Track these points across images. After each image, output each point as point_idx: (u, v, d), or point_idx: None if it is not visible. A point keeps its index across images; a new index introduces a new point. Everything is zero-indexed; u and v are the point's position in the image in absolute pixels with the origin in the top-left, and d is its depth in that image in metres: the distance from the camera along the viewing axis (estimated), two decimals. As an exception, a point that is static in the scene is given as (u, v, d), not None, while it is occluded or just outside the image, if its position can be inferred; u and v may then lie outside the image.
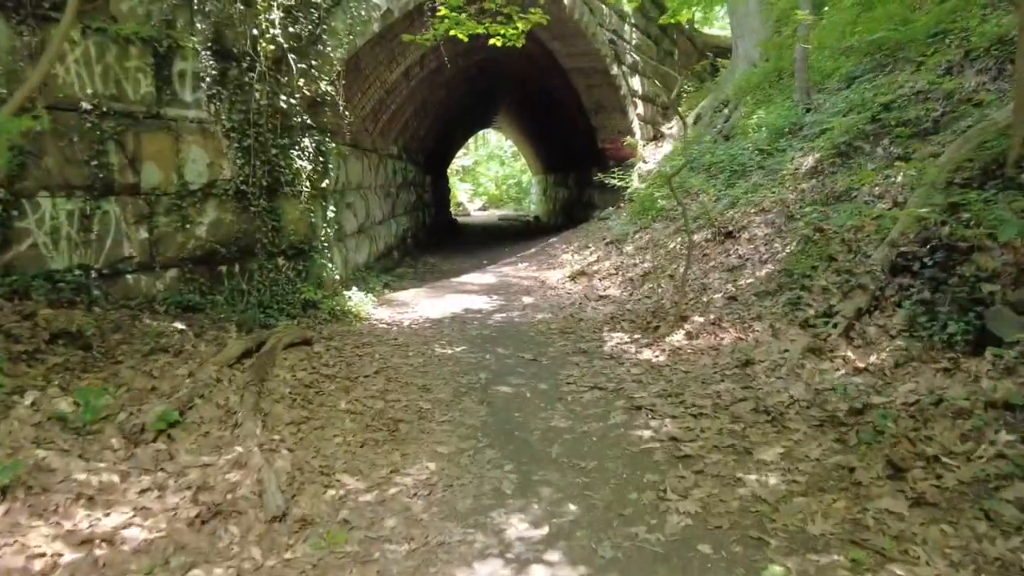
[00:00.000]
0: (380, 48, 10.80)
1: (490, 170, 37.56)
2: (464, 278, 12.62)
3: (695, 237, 10.65)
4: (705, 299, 8.13)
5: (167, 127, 6.98)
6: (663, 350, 6.92)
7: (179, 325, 6.28)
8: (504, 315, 9.23)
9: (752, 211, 9.82)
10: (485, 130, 38.21)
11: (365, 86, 10.92)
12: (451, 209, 29.41)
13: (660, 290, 9.34)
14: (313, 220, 8.42)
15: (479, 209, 34.35)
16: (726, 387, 5.66)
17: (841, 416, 4.75)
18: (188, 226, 7.21)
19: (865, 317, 6.15)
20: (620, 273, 10.96)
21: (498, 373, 6.54)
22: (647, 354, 6.87)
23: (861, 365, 5.60)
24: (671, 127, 19.60)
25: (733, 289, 8.06)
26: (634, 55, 17.93)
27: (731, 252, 9.31)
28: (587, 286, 10.79)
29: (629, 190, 17.64)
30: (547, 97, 19.85)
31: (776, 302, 7.26)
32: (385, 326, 8.54)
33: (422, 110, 16.13)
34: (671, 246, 11.00)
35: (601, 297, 9.91)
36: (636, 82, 18.10)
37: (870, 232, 7.22)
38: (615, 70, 16.49)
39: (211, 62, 7.14)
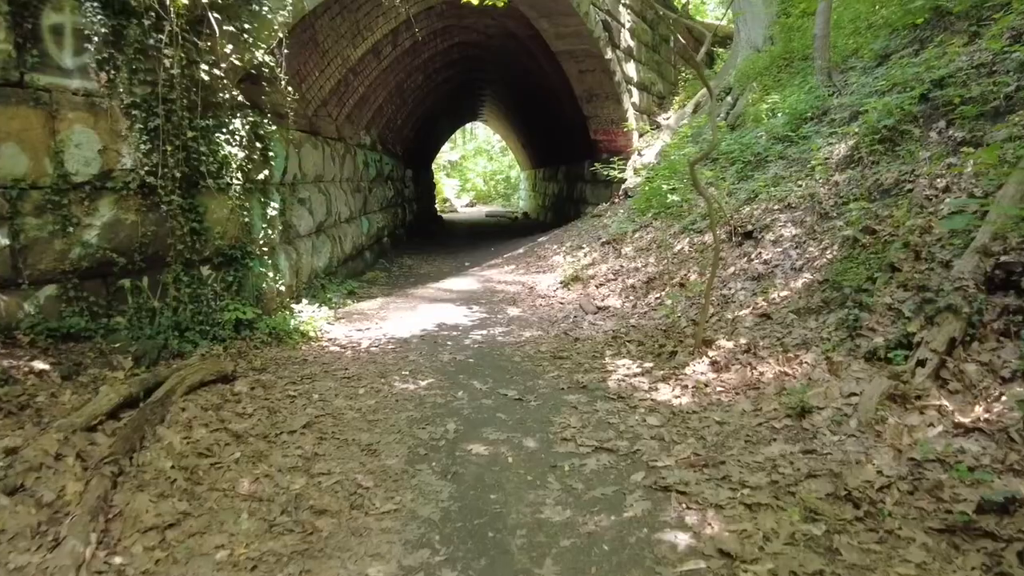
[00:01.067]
0: (342, 19, 9.06)
1: (478, 165, 35.83)
2: (443, 283, 10.93)
3: (706, 238, 9.03)
4: (730, 315, 6.49)
5: (35, 99, 5.23)
6: (685, 386, 5.27)
7: (39, 364, 4.56)
8: (485, 332, 7.55)
9: (775, 207, 8.19)
10: (473, 124, 36.49)
11: (324, 63, 9.20)
12: (436, 206, 27.69)
13: (670, 302, 7.69)
14: (248, 220, 6.71)
15: (466, 205, 32.68)
16: (781, 451, 4.01)
17: (970, 514, 3.12)
18: (72, 230, 5.46)
19: (959, 350, 4.52)
20: (620, 279, 9.31)
21: (471, 422, 4.86)
22: (665, 392, 5.22)
23: (965, 420, 3.97)
24: (668, 117, 17.94)
25: (764, 304, 6.42)
26: (629, 39, 16.25)
27: (753, 256, 7.68)
28: (583, 294, 9.13)
29: (625, 184, 15.99)
30: (536, 85, 18.16)
31: (823, 323, 5.63)
32: (338, 349, 6.84)
33: (398, 96, 14.40)
34: (678, 247, 9.36)
35: (600, 309, 8.25)
36: (631, 68, 16.44)
37: (941, 235, 5.60)
38: (609, 54, 14.81)
39: (99, 16, 5.39)
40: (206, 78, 6.06)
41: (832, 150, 8.30)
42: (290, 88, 7.40)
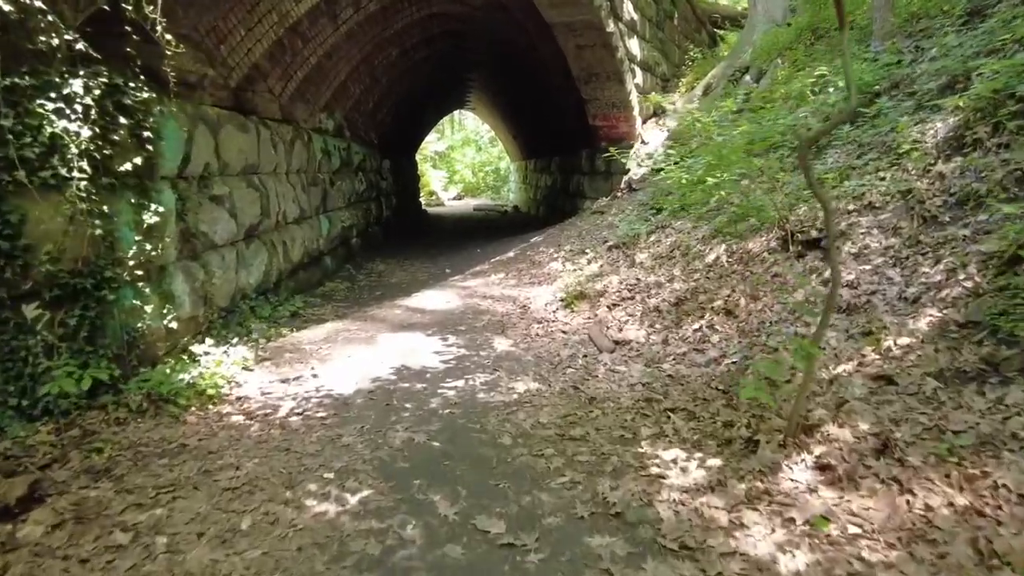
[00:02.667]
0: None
1: (466, 156, 33.38)
2: (416, 299, 8.57)
3: (751, 245, 6.77)
4: (824, 373, 4.20)
5: None
6: (791, 523, 2.98)
7: None
8: (462, 385, 5.21)
9: (851, 208, 5.93)
10: (461, 113, 34.04)
11: (252, 19, 6.79)
12: (421, 199, 25.28)
13: (718, 338, 5.42)
14: (106, 231, 4.36)
15: (454, 198, 30.28)
16: None
17: None
18: None
19: None
20: (638, 298, 7.01)
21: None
22: (761, 536, 2.92)
23: None
24: (674, 101, 15.61)
25: (877, 359, 4.12)
26: (632, 11, 13.87)
27: (826, 274, 5.40)
28: (592, 320, 6.82)
29: (629, 176, 13.68)
30: (527, 65, 15.75)
31: (998, 402, 3.36)
32: (241, 420, 4.51)
33: (367, 73, 11.97)
34: (711, 257, 7.07)
35: (617, 344, 5.95)
36: (635, 45, 14.07)
37: None
38: (611, 26, 12.43)
39: None
40: (8, 8, 3.68)
41: (926, 130, 6.03)
42: (166, 35, 5.01)
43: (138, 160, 4.64)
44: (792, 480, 3.28)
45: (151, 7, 4.55)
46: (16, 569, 2.73)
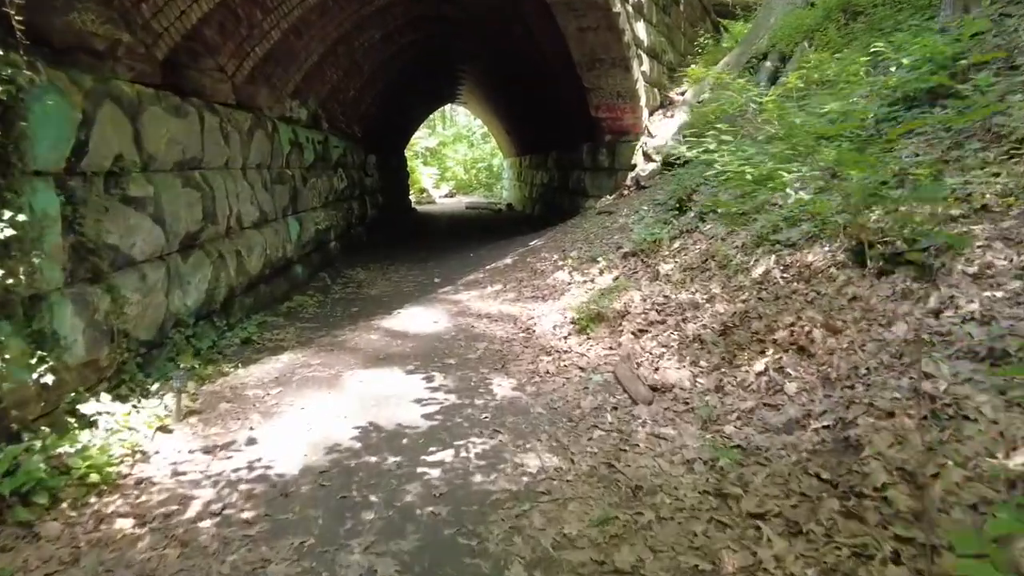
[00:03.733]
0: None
1: (458, 152, 31.76)
2: (397, 317, 7.05)
3: (810, 257, 5.33)
4: (973, 466, 2.75)
5: None
6: None
7: None
8: (450, 460, 3.67)
9: (955, 212, 4.49)
10: (452, 108, 32.47)
11: (186, -27, 5.26)
12: (411, 196, 23.71)
13: (794, 387, 3.97)
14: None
15: (445, 195, 28.70)
16: None
17: None
18: None
19: None
20: (671, 321, 5.53)
21: None
22: None
23: None
24: (683, 92, 14.14)
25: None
26: (639, -9, 12.38)
27: (939, 302, 3.96)
28: (615, 350, 5.33)
29: (636, 172, 12.22)
30: (524, 51, 14.22)
31: None
32: (128, 530, 3.00)
33: (346, 56, 10.42)
34: (758, 270, 5.61)
35: (655, 390, 4.47)
36: (641, 29, 12.57)
37: None
38: (618, 7, 10.93)
39: None
40: None
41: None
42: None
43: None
44: None
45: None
46: None
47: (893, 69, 6.56)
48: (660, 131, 12.82)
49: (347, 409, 4.42)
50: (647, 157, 12.61)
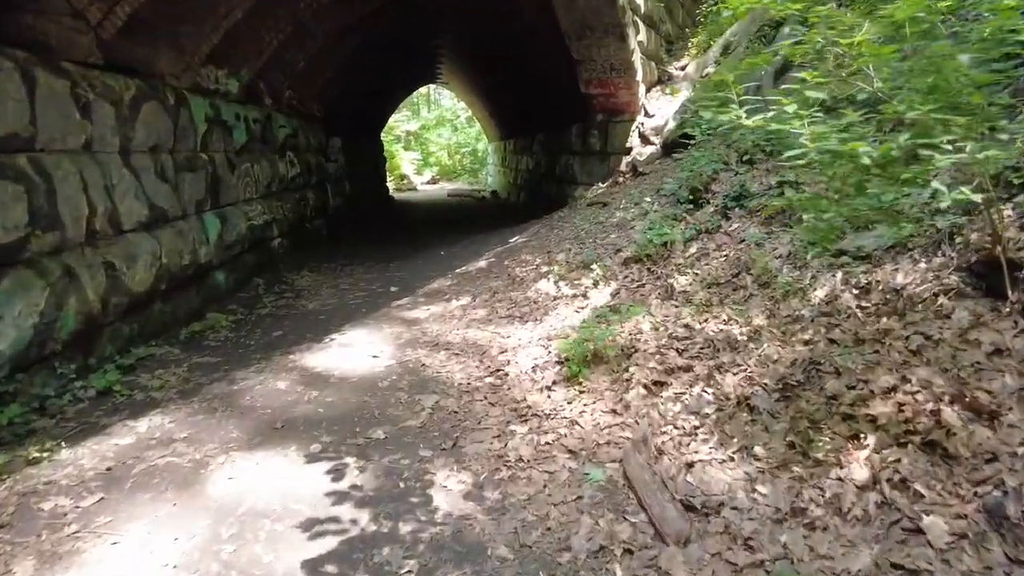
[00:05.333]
0: None
1: (441, 136, 29.66)
2: (325, 349, 5.12)
3: (896, 276, 3.56)
4: None
5: None
6: None
7: None
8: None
9: None
10: (436, 90, 30.39)
11: None
12: (390, 183, 21.72)
13: (941, 529, 2.20)
14: None
15: (428, 182, 26.64)
16: None
17: None
18: None
19: None
20: (699, 368, 3.73)
21: None
22: None
23: None
24: (684, 66, 12.29)
25: None
26: (635, -53, 10.47)
27: None
28: (623, 419, 3.52)
29: (632, 156, 10.42)
30: (505, 24, 12.27)
31: None
32: None
33: (287, 18, 8.43)
34: (821, 292, 3.85)
35: (693, 512, 2.69)
36: (637, -8, 10.69)
37: None
38: (611, -38, 9.06)
39: None
40: None
41: None
42: None
43: None
44: None
45: None
46: None
47: (987, 15, 4.73)
48: (659, 110, 10.98)
49: (185, 545, 2.60)
50: (644, 139, 10.78)
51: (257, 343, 5.42)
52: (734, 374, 3.63)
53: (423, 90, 27.86)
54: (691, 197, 6.19)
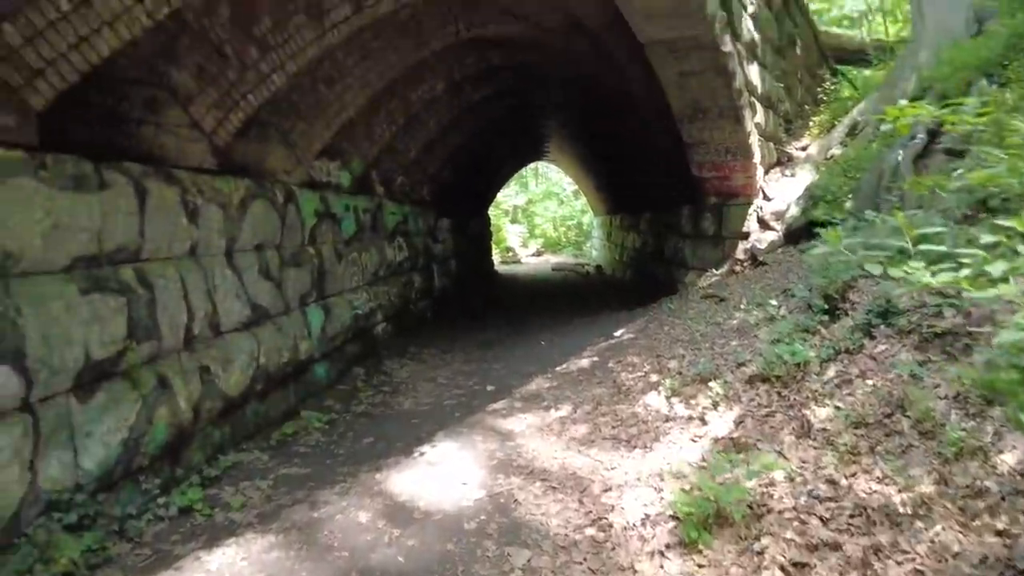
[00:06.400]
0: None
1: (547, 209, 29.78)
2: (414, 466, 4.56)
3: None
4: None
5: None
6: None
7: None
8: None
9: None
10: (543, 165, 30.72)
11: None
12: (496, 256, 21.79)
13: None
14: None
15: (532, 255, 26.62)
16: None
17: None
18: None
19: None
20: (851, 548, 2.93)
21: None
22: None
23: None
24: (804, 146, 11.46)
25: None
26: (752, 29, 9.97)
27: None
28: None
29: (751, 242, 9.61)
30: (613, 102, 12.04)
31: None
32: None
33: (400, 110, 8.53)
34: (1016, 457, 2.96)
35: None
36: (755, 73, 10.10)
37: None
38: (727, 46, 8.57)
39: None
40: None
41: None
42: None
43: None
44: None
45: None
46: None
47: None
48: (779, 193, 10.16)
49: None
50: (764, 224, 9.95)
51: (347, 451, 5.10)
52: (898, 563, 2.82)
53: (531, 165, 28.27)
54: (825, 306, 5.36)
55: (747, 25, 9.59)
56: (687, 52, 8.64)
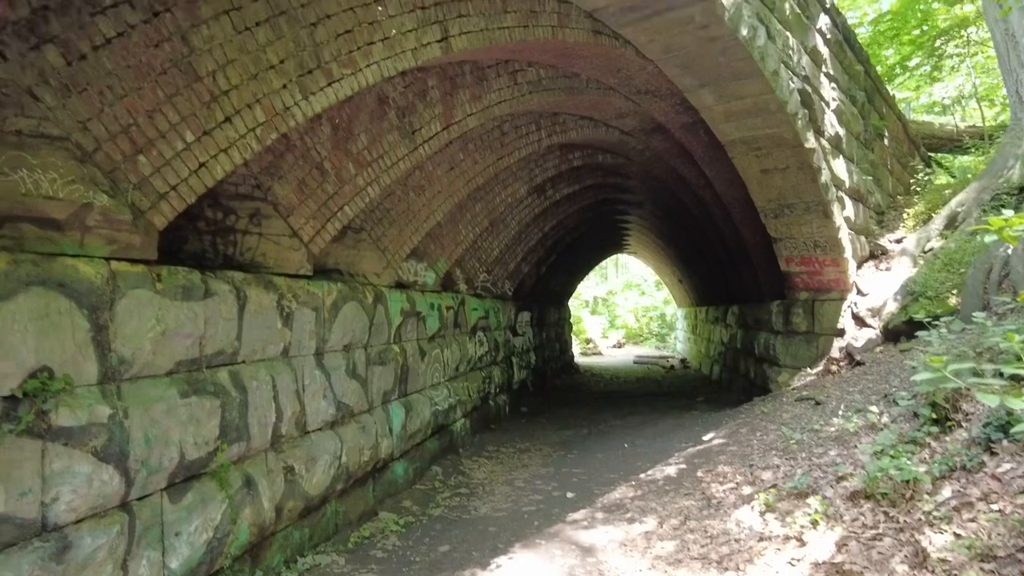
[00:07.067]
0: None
1: (628, 300, 29.54)
2: None
3: None
4: None
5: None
6: None
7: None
8: None
9: None
10: (622, 255, 30.79)
11: (198, 110, 3.82)
12: (576, 348, 21.60)
13: None
14: None
15: (613, 346, 26.23)
16: None
17: None
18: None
19: None
20: None
21: None
22: None
23: None
24: (899, 239, 10.94)
25: None
26: (836, 124, 9.84)
27: None
28: None
29: (847, 341, 9.11)
30: (694, 197, 12.04)
31: None
32: None
33: (484, 212, 8.87)
34: None
35: None
36: (841, 167, 9.88)
37: None
38: (810, 142, 8.49)
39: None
40: None
41: None
42: None
43: None
44: None
45: None
46: None
47: None
48: (874, 288, 9.66)
49: None
50: (859, 321, 9.42)
51: (423, 559, 4.97)
52: None
53: (611, 256, 28.39)
54: (933, 416, 4.91)
55: (830, 120, 9.49)
56: (769, 149, 8.62)
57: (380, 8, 4.12)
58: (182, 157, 3.64)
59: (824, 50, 9.45)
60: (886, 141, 12.93)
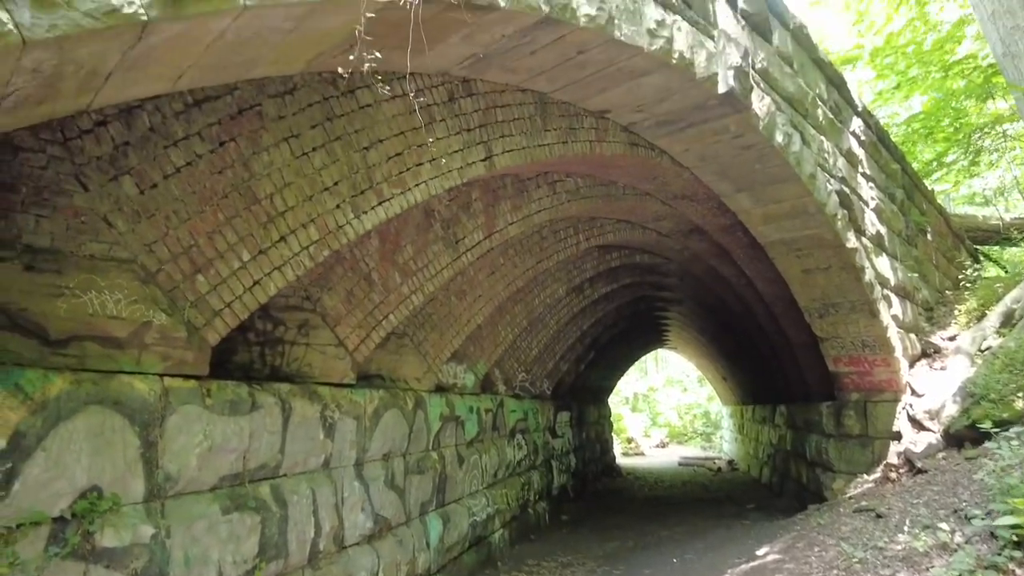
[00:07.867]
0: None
1: (670, 398, 28.81)
2: None
3: None
4: None
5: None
6: None
7: None
8: None
9: None
10: (662, 350, 30.33)
11: (256, 230, 4.02)
12: (618, 447, 20.93)
13: None
14: None
15: (656, 445, 25.31)
16: None
17: None
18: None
19: None
20: None
21: None
22: None
23: None
24: (952, 336, 10.56)
25: None
26: (877, 223, 9.81)
27: None
28: None
29: (905, 445, 8.64)
30: (735, 296, 11.95)
31: None
32: None
33: (523, 314, 8.95)
34: None
35: None
36: (885, 265, 9.76)
37: None
38: (852, 241, 8.46)
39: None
40: None
41: None
42: None
43: None
44: None
45: None
46: None
47: None
48: (929, 388, 9.25)
49: None
50: (916, 424, 8.97)
51: None
52: None
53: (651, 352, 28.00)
54: (1015, 538, 4.54)
55: (870, 219, 9.48)
56: (810, 250, 8.61)
57: (430, 136, 4.36)
58: (238, 275, 3.80)
59: (859, 151, 9.57)
60: (929, 236, 12.78)
